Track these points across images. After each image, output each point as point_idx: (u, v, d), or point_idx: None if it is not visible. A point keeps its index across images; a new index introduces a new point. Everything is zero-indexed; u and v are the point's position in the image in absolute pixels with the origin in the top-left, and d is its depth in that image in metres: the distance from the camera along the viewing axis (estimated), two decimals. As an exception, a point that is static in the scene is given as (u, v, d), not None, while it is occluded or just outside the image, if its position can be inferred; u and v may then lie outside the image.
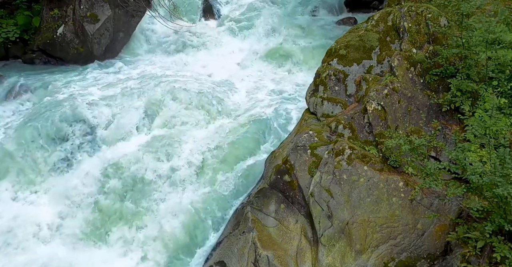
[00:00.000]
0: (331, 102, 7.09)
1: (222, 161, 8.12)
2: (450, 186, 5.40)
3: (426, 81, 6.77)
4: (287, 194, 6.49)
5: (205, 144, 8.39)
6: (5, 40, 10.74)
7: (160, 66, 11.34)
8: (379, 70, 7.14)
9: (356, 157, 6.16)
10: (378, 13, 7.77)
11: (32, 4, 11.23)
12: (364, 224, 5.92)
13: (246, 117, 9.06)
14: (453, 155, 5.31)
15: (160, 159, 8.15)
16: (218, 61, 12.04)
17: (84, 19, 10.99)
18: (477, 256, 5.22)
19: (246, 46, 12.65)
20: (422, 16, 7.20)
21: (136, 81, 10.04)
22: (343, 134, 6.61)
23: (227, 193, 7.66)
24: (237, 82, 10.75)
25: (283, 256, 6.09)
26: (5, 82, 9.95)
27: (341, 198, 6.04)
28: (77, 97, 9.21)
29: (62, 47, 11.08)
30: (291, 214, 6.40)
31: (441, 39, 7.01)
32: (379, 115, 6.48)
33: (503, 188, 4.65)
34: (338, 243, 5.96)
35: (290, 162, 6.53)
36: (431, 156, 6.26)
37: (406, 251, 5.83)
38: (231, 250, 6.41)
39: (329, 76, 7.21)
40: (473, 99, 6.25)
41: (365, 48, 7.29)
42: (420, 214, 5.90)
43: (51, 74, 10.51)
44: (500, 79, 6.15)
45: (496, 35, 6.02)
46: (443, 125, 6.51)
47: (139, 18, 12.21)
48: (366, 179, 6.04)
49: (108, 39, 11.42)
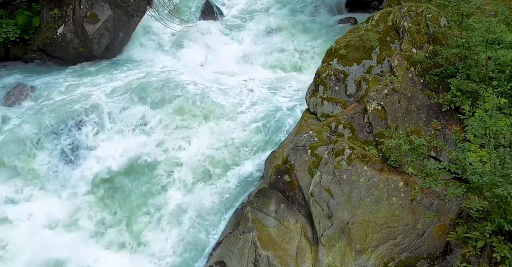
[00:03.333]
0: (331, 102, 7.09)
1: (222, 161, 8.12)
2: (450, 186, 5.40)
3: (426, 81, 6.77)
4: (287, 194, 6.49)
5: (205, 144, 8.39)
6: (5, 40, 10.71)
7: (160, 66, 11.33)
8: (379, 70, 7.14)
9: (356, 157, 6.16)
10: (378, 13, 7.77)
11: (32, 4, 11.20)
12: (364, 224, 5.92)
13: (245, 117, 9.05)
14: (453, 155, 5.32)
15: (159, 158, 8.15)
16: (218, 60, 12.03)
17: (84, 19, 10.97)
18: (477, 256, 5.22)
19: (246, 46, 12.63)
20: (422, 16, 7.20)
21: (136, 81, 10.03)
22: (343, 134, 6.61)
23: (227, 193, 7.65)
24: (237, 82, 10.73)
25: (283, 256, 6.09)
26: (5, 82, 9.94)
27: (341, 198, 6.04)
28: (77, 97, 9.21)
29: (62, 47, 11.06)
30: (291, 214, 6.40)
31: (441, 39, 7.01)
32: (379, 115, 6.48)
33: (503, 188, 4.65)
34: (338, 243, 5.96)
35: (290, 162, 6.53)
36: (431, 156, 6.26)
37: (406, 251, 5.84)
38: (231, 250, 6.41)
39: (329, 76, 7.21)
40: (473, 99, 6.26)
41: (365, 48, 7.29)
42: (420, 214, 5.90)
43: (51, 74, 10.50)
44: (500, 79, 6.15)
45: (496, 35, 6.03)
46: (443, 125, 6.51)
47: (139, 18, 12.19)
48: (366, 179, 6.04)
49: (108, 39, 11.40)
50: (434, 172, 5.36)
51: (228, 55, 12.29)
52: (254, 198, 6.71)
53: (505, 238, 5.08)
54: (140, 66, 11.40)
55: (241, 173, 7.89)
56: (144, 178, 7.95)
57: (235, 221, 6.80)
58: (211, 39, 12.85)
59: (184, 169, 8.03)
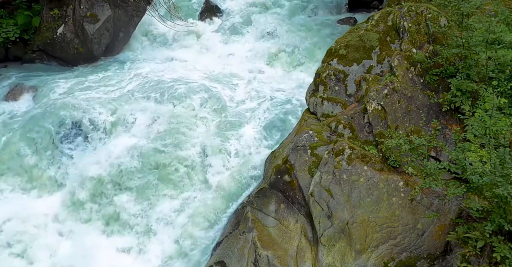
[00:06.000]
0: (331, 102, 7.09)
1: (222, 161, 8.12)
2: (450, 186, 5.40)
3: (426, 81, 6.77)
4: (287, 194, 6.49)
5: (204, 144, 8.39)
6: (5, 40, 10.73)
7: (160, 66, 11.34)
8: (379, 70, 7.14)
9: (356, 157, 6.16)
10: (378, 13, 7.77)
11: (32, 4, 11.21)
12: (364, 224, 5.92)
13: (245, 117, 9.05)
14: (453, 155, 5.32)
15: (160, 158, 8.15)
16: (218, 60, 12.05)
17: (84, 19, 10.99)
18: (477, 256, 5.22)
19: (246, 45, 12.64)
20: (422, 16, 7.20)
21: (137, 81, 10.05)
22: (343, 134, 6.61)
23: (227, 193, 7.65)
24: (236, 82, 10.74)
25: (283, 256, 6.09)
26: (5, 82, 9.94)
27: (341, 198, 6.04)
28: (77, 97, 9.22)
29: (62, 47, 11.07)
30: (291, 214, 6.40)
31: (441, 39, 7.01)
32: (379, 115, 6.48)
33: (503, 188, 4.65)
34: (338, 243, 5.96)
35: (290, 162, 6.53)
36: (431, 156, 6.26)
37: (406, 251, 5.84)
38: (231, 250, 6.41)
39: (329, 76, 7.21)
40: (473, 99, 6.25)
41: (365, 48, 7.29)
42: (420, 214, 5.90)
43: (51, 74, 10.51)
44: (500, 79, 6.15)
45: (496, 35, 6.02)
46: (443, 125, 6.51)
47: (139, 18, 12.21)
48: (366, 179, 6.04)
49: (108, 39, 11.42)
50: (434, 172, 5.35)
51: (227, 54, 12.30)
52: (254, 198, 6.71)
53: (505, 238, 5.08)
54: (140, 65, 11.42)
55: (241, 172, 7.89)
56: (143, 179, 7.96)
57: (235, 221, 6.79)
58: (210, 39, 12.87)
59: (182, 169, 8.03)
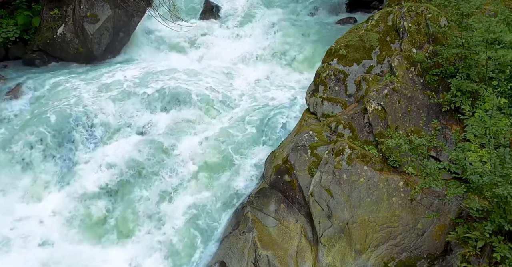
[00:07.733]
0: (331, 102, 7.09)
1: (222, 160, 8.12)
2: (450, 186, 5.40)
3: (426, 81, 6.77)
4: (287, 194, 6.49)
5: (204, 143, 8.39)
6: (5, 40, 10.72)
7: (160, 66, 11.32)
8: (379, 70, 7.14)
9: (356, 157, 6.16)
10: (378, 13, 7.77)
11: (32, 4, 11.20)
12: (364, 224, 5.92)
13: (245, 116, 9.04)
14: (453, 155, 5.32)
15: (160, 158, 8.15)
16: (218, 60, 12.03)
17: (84, 19, 10.98)
18: (477, 256, 5.23)
19: (246, 45, 12.62)
20: (422, 16, 7.20)
21: (137, 81, 10.03)
22: (343, 134, 6.61)
23: (227, 192, 7.65)
24: (236, 81, 10.74)
25: (283, 256, 6.09)
26: (5, 82, 9.93)
27: (341, 198, 6.04)
28: (77, 97, 9.21)
29: (62, 47, 11.06)
30: (291, 214, 6.40)
31: (441, 39, 7.01)
32: (379, 115, 6.48)
33: (503, 188, 4.65)
34: (338, 243, 5.96)
35: (290, 162, 6.53)
36: (431, 156, 6.26)
37: (406, 251, 5.84)
38: (231, 250, 6.42)
39: (329, 76, 7.21)
40: (473, 99, 6.26)
41: (365, 48, 7.29)
42: (420, 214, 5.90)
43: (51, 74, 10.48)
44: (500, 79, 6.15)
45: (496, 35, 6.03)
46: (443, 125, 6.51)
47: (139, 18, 12.19)
48: (366, 179, 6.04)
49: (108, 39, 11.40)
50: (434, 172, 5.36)
51: (227, 54, 12.29)
52: (254, 198, 6.71)
53: (505, 238, 5.08)
54: (141, 65, 11.40)
55: (241, 172, 7.88)
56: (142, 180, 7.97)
57: (235, 221, 6.80)
58: (210, 39, 12.85)
59: (182, 169, 8.03)
